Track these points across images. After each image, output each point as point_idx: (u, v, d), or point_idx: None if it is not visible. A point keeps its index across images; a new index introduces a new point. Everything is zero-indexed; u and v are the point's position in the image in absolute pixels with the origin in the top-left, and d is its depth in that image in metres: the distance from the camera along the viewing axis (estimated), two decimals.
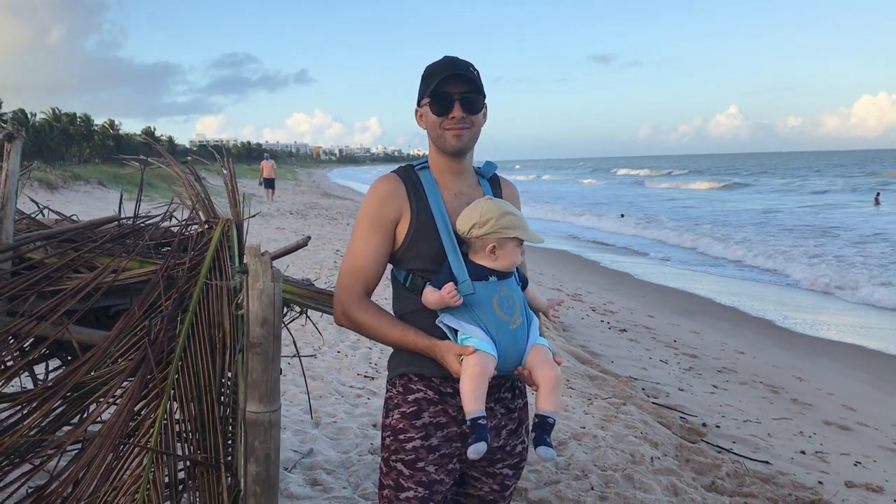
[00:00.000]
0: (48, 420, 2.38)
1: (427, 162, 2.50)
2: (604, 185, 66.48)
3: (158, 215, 2.86)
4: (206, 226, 2.70)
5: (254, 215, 3.02)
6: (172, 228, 2.86)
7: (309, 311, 2.84)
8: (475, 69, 2.39)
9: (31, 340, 2.50)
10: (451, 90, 2.32)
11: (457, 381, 2.18)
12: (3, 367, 2.49)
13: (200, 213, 2.81)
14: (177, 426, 2.42)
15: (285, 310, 3.04)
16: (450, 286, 2.17)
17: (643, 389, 7.36)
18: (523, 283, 2.37)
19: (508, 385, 2.45)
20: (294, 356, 7.06)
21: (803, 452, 5.95)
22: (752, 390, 7.89)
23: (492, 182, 2.55)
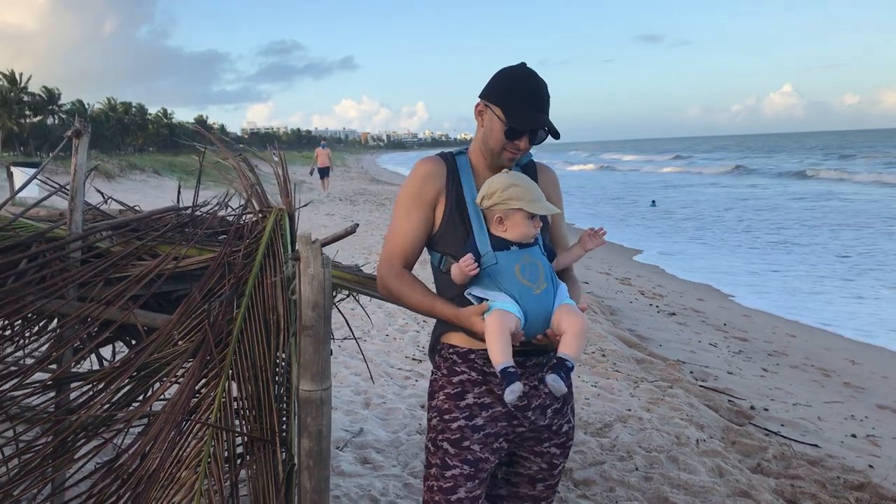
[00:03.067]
0: (116, 398, 2.54)
1: (467, 149, 2.59)
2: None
3: (215, 205, 3.00)
4: (261, 215, 2.83)
5: (305, 205, 3.15)
6: (228, 218, 3.00)
7: (358, 295, 2.96)
8: (549, 96, 2.45)
9: (97, 324, 2.66)
10: (535, 126, 2.38)
11: None
12: (74, 348, 2.65)
13: (254, 202, 2.94)
14: (235, 404, 2.56)
15: (335, 293, 3.17)
16: (467, 257, 2.27)
17: (691, 373, 7.37)
18: (550, 254, 2.45)
19: (554, 363, 2.53)
20: (345, 339, 7.25)
21: (854, 436, 5.92)
22: (803, 374, 7.84)
23: (526, 169, 2.62)
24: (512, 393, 2.15)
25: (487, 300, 2.30)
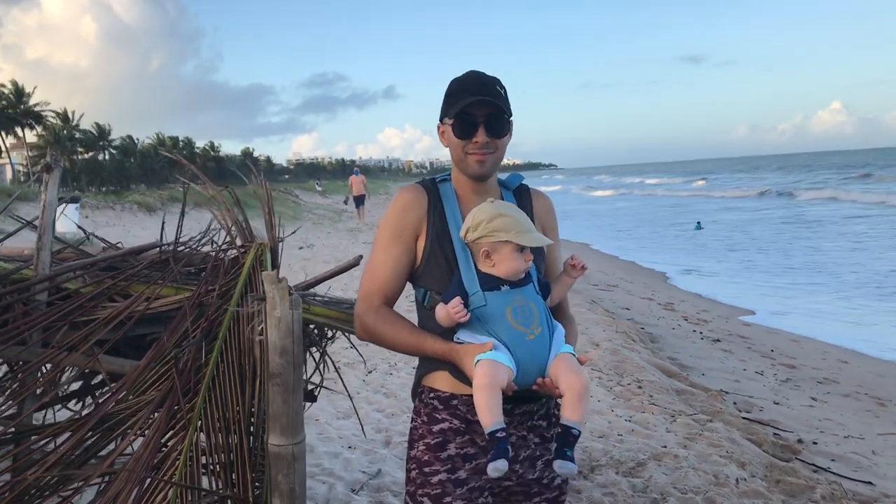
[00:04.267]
0: (77, 453, 2.35)
1: (449, 176, 2.38)
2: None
3: (196, 240, 2.82)
4: (242, 250, 2.64)
5: (292, 240, 2.94)
6: (213, 254, 2.82)
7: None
8: (503, 87, 2.25)
9: (59, 372, 2.49)
10: (476, 112, 2.19)
11: None
12: (35, 397, 2.48)
13: (238, 237, 2.75)
14: (204, 458, 2.36)
15: (329, 333, 2.96)
16: (455, 301, 2.04)
17: (734, 403, 6.99)
18: (544, 290, 2.20)
19: (543, 412, 2.29)
20: (371, 372, 7.02)
21: None
22: (856, 403, 7.38)
23: (518, 194, 2.40)
24: (496, 471, 1.91)
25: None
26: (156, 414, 2.35)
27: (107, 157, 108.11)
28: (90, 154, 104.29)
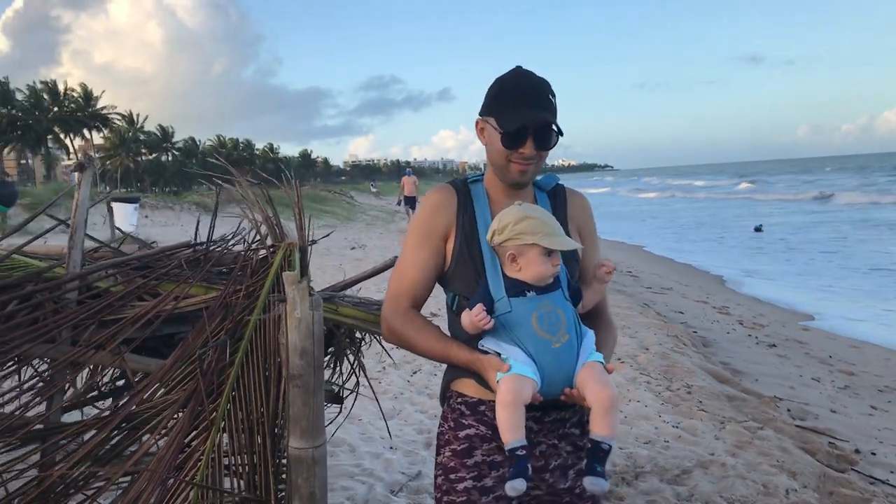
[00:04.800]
0: (102, 451, 2.36)
1: (482, 177, 2.32)
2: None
3: (228, 239, 2.82)
4: (271, 250, 2.63)
5: (323, 236, 2.93)
6: (245, 253, 2.81)
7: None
8: (553, 94, 2.16)
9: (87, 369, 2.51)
10: (527, 122, 2.09)
11: None
12: (63, 395, 2.51)
13: (269, 237, 2.74)
14: (227, 460, 2.35)
15: (361, 336, 2.94)
16: (478, 308, 1.98)
17: (788, 411, 6.77)
18: (575, 295, 2.13)
19: (576, 420, 2.22)
20: (416, 373, 6.99)
21: None
22: None
23: (553, 195, 2.32)
24: (514, 490, 1.86)
25: (501, 356, 2.01)
26: (180, 414, 2.35)
27: (170, 158, 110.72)
28: (154, 155, 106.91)
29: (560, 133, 2.15)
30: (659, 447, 5.33)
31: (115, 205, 16.01)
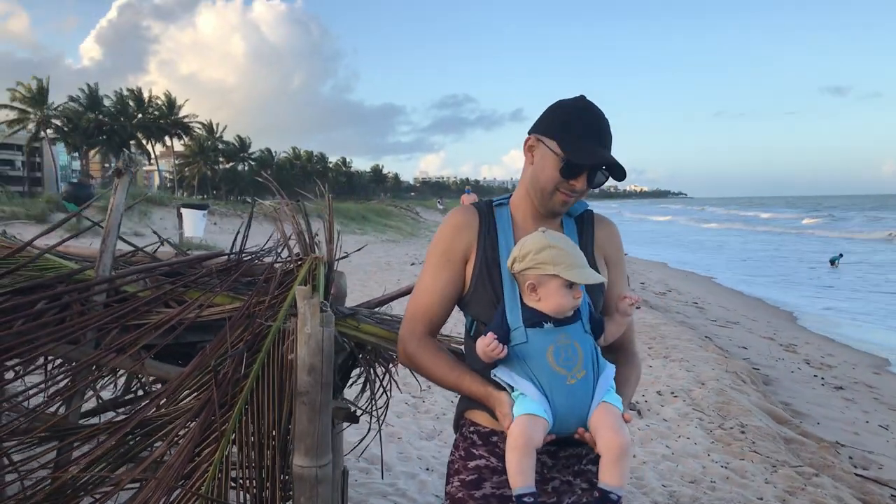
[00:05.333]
0: (114, 456, 2.36)
1: (508, 199, 2.24)
2: None
3: (260, 250, 2.81)
4: (297, 263, 2.60)
5: (347, 255, 2.90)
6: (276, 265, 2.80)
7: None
8: (611, 133, 2.10)
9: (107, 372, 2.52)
10: (597, 160, 2.02)
11: None
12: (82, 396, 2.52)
13: (298, 249, 2.73)
14: (236, 472, 2.32)
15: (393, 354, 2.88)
16: (489, 337, 1.91)
17: (850, 458, 6.45)
18: (597, 328, 2.04)
19: (593, 456, 2.11)
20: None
21: None
22: None
23: (581, 220, 2.23)
24: None
25: (514, 389, 1.93)
26: (193, 423, 2.34)
27: (246, 168, 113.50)
28: (230, 164, 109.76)
29: (621, 176, 2.07)
30: (704, 487, 5.13)
31: (184, 211, 16.41)
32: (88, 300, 2.54)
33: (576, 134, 2.03)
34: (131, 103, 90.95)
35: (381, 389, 3.16)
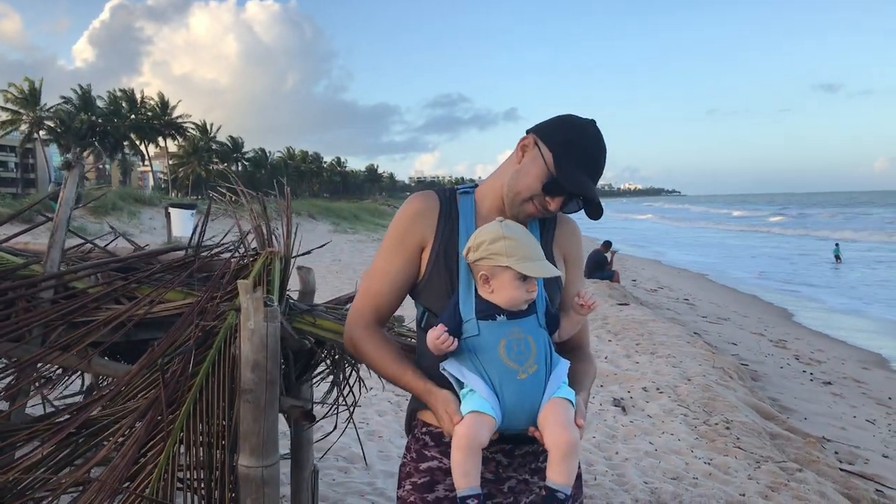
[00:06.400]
0: (57, 458, 2.28)
1: (473, 189, 2.17)
2: None
3: (217, 246, 2.74)
4: (252, 258, 2.53)
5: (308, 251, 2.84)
6: (236, 259, 2.73)
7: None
8: (603, 168, 2.04)
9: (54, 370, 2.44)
10: (583, 192, 1.95)
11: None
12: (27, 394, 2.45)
13: (255, 244, 2.66)
14: (184, 473, 2.24)
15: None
16: (439, 329, 1.84)
17: (835, 453, 6.40)
18: (552, 323, 1.97)
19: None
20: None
21: None
22: None
23: (543, 217, 2.17)
24: None
25: (463, 385, 1.86)
26: (139, 423, 2.26)
27: (240, 168, 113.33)
28: (224, 165, 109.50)
29: (597, 214, 2.01)
30: (686, 484, 5.07)
31: (172, 210, 16.33)
32: (35, 296, 2.47)
33: (575, 157, 1.95)
34: (124, 104, 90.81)
35: (348, 387, 3.09)
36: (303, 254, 2.80)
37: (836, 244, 28.55)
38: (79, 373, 2.63)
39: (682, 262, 28.63)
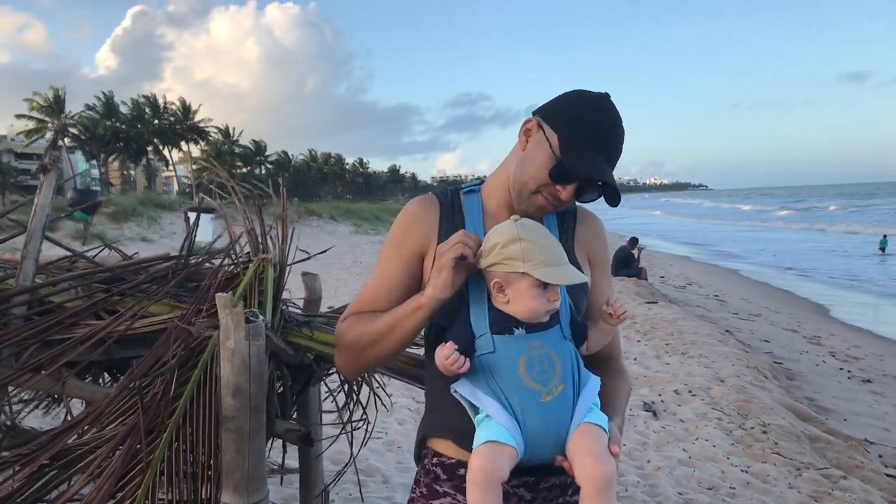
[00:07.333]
0: (26, 494, 2.06)
1: (479, 186, 1.92)
2: None
3: (206, 252, 2.51)
4: (244, 266, 2.30)
5: (314, 254, 2.60)
6: (229, 268, 2.50)
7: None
8: (622, 147, 1.76)
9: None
10: (595, 175, 1.67)
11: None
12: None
13: (249, 251, 2.43)
14: None
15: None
16: (448, 347, 1.58)
17: (880, 457, 6.06)
18: (579, 334, 1.72)
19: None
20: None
21: None
22: None
23: (563, 214, 1.90)
24: None
25: (478, 411, 1.61)
26: (117, 452, 2.04)
27: (263, 171, 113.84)
28: (248, 168, 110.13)
29: (615, 201, 1.74)
30: (723, 494, 4.78)
31: (191, 215, 16.21)
32: (7, 312, 2.26)
33: (583, 136, 1.67)
34: (147, 110, 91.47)
35: (357, 402, 2.87)
36: (300, 260, 2.56)
37: (885, 236, 27.83)
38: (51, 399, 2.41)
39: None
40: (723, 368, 8.09)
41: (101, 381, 2.59)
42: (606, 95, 1.74)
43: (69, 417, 2.23)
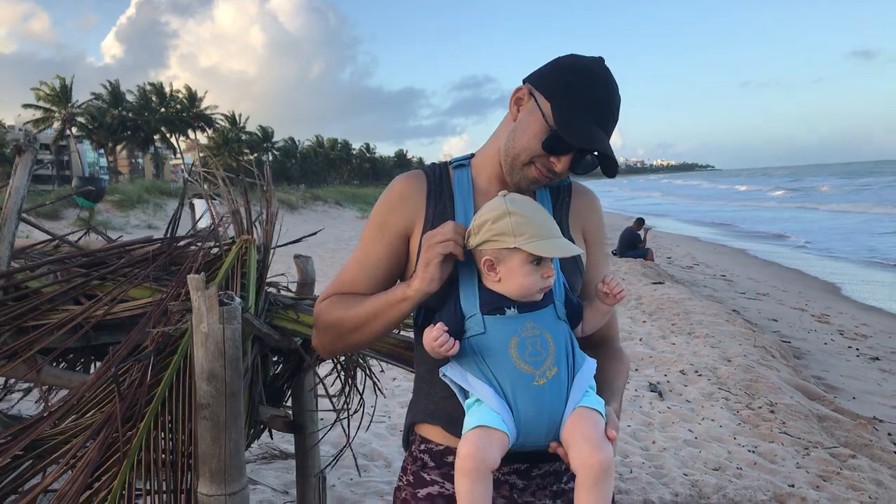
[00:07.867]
0: (1, 484, 2.00)
1: (469, 160, 1.83)
2: None
3: (188, 234, 2.44)
4: (225, 248, 2.23)
5: (308, 236, 2.52)
6: (213, 250, 2.43)
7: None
8: (618, 114, 1.66)
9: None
10: (590, 144, 1.58)
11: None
12: None
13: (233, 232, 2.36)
14: (143, 500, 1.95)
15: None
16: (437, 329, 1.50)
17: (889, 435, 5.98)
18: (574, 314, 1.64)
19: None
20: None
21: None
22: None
23: (556, 189, 1.81)
24: None
25: (468, 395, 1.54)
26: (92, 442, 1.98)
27: (270, 158, 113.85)
28: (255, 155, 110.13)
29: (612, 171, 1.66)
30: (730, 474, 4.71)
31: (196, 202, 16.17)
32: None
33: (578, 103, 1.58)
34: (154, 98, 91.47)
35: (351, 387, 2.80)
36: (288, 243, 2.49)
37: None
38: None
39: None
40: (730, 348, 8.01)
41: (87, 368, 2.53)
42: (601, 60, 1.65)
43: (45, 406, 2.17)
